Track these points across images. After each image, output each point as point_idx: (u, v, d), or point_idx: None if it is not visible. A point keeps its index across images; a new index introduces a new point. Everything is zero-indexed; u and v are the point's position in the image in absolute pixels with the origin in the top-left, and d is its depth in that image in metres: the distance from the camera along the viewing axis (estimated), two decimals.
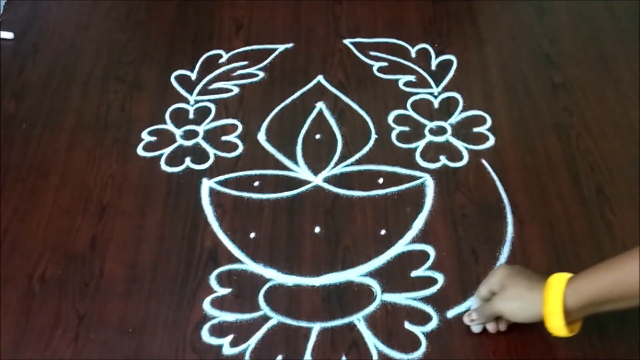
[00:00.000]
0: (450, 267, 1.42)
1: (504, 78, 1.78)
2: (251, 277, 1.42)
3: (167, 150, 1.64)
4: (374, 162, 1.61)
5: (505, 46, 1.87)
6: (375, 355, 1.29)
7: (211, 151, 1.64)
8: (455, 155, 1.62)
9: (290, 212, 1.52)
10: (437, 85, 1.77)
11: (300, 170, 1.60)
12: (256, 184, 1.57)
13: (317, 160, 1.61)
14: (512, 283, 1.25)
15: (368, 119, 1.69)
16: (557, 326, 1.19)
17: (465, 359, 1.29)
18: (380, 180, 1.57)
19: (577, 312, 1.18)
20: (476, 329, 1.31)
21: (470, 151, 1.62)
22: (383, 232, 1.48)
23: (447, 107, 1.72)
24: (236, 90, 1.77)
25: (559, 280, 1.18)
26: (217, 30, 1.92)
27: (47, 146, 1.66)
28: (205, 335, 1.33)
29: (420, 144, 1.64)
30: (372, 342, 1.31)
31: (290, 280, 1.41)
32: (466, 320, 1.31)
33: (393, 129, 1.67)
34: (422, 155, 1.62)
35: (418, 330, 1.32)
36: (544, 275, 1.22)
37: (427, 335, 1.32)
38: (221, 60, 1.84)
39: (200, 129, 1.69)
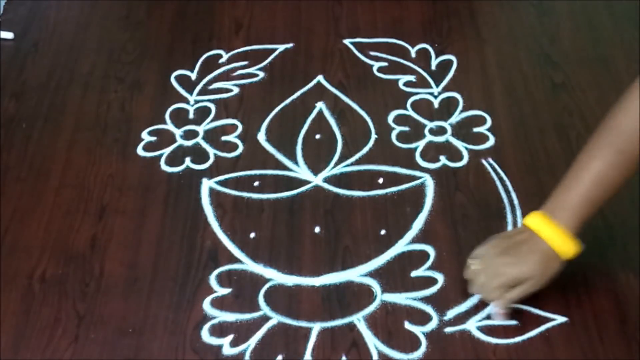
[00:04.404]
0: (450, 267, 1.41)
1: (504, 78, 1.78)
2: (251, 277, 1.42)
3: (167, 150, 1.64)
4: (374, 162, 1.61)
5: (505, 46, 1.87)
6: (375, 355, 1.29)
7: (211, 151, 1.64)
8: (455, 155, 1.62)
9: (290, 212, 1.52)
10: (437, 85, 1.77)
11: (300, 170, 1.60)
12: (256, 184, 1.57)
13: (317, 160, 1.61)
14: (502, 253, 1.30)
15: (368, 119, 1.69)
16: (570, 246, 1.27)
17: (465, 359, 1.29)
18: (380, 180, 1.57)
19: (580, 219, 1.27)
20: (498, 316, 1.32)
21: (470, 151, 1.62)
22: (383, 232, 1.48)
23: (447, 107, 1.72)
24: (236, 90, 1.77)
25: (539, 219, 1.29)
26: (217, 30, 1.92)
27: (47, 146, 1.66)
28: (205, 335, 1.33)
29: (420, 144, 1.64)
30: (372, 342, 1.31)
31: (290, 280, 1.41)
32: (498, 317, 1.32)
33: (393, 129, 1.67)
34: (422, 155, 1.62)
35: (418, 330, 1.32)
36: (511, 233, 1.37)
37: (427, 335, 1.32)
38: (221, 60, 1.84)
39: (200, 129, 1.68)
